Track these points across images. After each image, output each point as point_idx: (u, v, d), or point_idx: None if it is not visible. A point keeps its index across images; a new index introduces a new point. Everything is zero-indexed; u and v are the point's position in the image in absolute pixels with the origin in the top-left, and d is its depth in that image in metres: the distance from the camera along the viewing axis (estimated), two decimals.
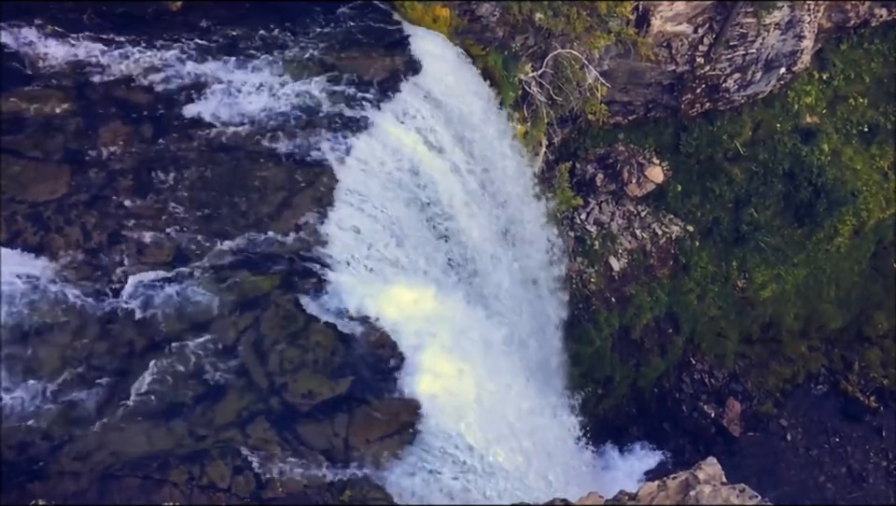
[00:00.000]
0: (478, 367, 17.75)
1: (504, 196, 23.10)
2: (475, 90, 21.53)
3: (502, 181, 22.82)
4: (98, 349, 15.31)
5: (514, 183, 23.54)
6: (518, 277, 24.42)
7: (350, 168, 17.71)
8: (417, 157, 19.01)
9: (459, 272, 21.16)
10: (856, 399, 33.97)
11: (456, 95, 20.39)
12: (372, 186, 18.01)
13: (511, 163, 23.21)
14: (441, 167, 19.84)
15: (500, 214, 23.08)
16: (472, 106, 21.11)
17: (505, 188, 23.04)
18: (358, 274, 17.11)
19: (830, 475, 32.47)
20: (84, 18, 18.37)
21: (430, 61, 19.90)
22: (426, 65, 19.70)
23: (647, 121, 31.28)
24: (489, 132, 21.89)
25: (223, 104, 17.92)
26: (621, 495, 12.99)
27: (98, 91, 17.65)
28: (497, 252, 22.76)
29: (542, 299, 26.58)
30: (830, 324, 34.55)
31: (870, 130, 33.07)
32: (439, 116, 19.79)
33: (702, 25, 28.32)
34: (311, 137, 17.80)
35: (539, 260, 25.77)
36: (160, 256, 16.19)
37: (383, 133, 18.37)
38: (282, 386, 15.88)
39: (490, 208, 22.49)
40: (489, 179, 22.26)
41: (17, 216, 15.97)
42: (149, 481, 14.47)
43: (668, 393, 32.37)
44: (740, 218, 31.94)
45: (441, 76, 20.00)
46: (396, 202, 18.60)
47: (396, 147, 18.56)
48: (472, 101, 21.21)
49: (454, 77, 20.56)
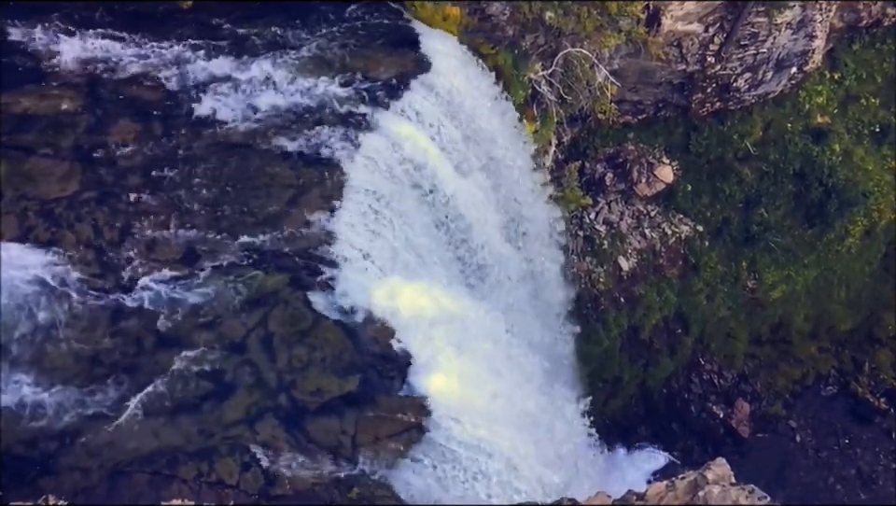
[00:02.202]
0: (486, 365, 17.75)
1: (513, 194, 23.07)
2: (485, 88, 21.51)
3: (511, 179, 22.78)
4: (107, 346, 15.38)
5: (523, 182, 23.50)
6: (526, 275, 24.39)
7: (359, 166, 17.73)
8: (426, 155, 19.01)
9: (467, 270, 21.16)
10: (866, 400, 33.79)
11: (466, 94, 20.37)
12: (381, 184, 18.02)
13: (520, 162, 23.17)
14: (450, 165, 19.84)
15: (509, 212, 23.05)
16: (482, 105, 21.08)
17: (514, 186, 23.01)
18: (367, 272, 17.12)
19: (839, 477, 32.31)
20: (95, 16, 18.47)
21: (440, 59, 19.89)
22: (435, 64, 19.70)
23: (657, 121, 31.19)
24: (498, 130, 21.86)
25: (232, 101, 17.97)
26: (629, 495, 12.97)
27: (109, 89, 17.73)
28: (506, 250, 22.74)
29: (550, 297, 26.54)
30: (840, 325, 34.38)
31: (881, 130, 32.87)
32: (448, 114, 19.78)
33: (713, 24, 28.20)
34: (320, 135, 17.82)
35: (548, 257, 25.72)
36: (169, 253, 16.25)
37: (392, 130, 18.38)
38: (290, 383, 15.91)
39: (499, 206, 22.46)
40: (498, 177, 22.24)
41: (28, 212, 16.07)
42: (158, 477, 14.54)
43: (677, 393, 32.27)
44: (750, 219, 31.81)
45: (450, 74, 19.99)
46: (405, 200, 18.61)
47: (405, 145, 18.56)
48: (482, 100, 21.18)
49: (463, 76, 20.55)
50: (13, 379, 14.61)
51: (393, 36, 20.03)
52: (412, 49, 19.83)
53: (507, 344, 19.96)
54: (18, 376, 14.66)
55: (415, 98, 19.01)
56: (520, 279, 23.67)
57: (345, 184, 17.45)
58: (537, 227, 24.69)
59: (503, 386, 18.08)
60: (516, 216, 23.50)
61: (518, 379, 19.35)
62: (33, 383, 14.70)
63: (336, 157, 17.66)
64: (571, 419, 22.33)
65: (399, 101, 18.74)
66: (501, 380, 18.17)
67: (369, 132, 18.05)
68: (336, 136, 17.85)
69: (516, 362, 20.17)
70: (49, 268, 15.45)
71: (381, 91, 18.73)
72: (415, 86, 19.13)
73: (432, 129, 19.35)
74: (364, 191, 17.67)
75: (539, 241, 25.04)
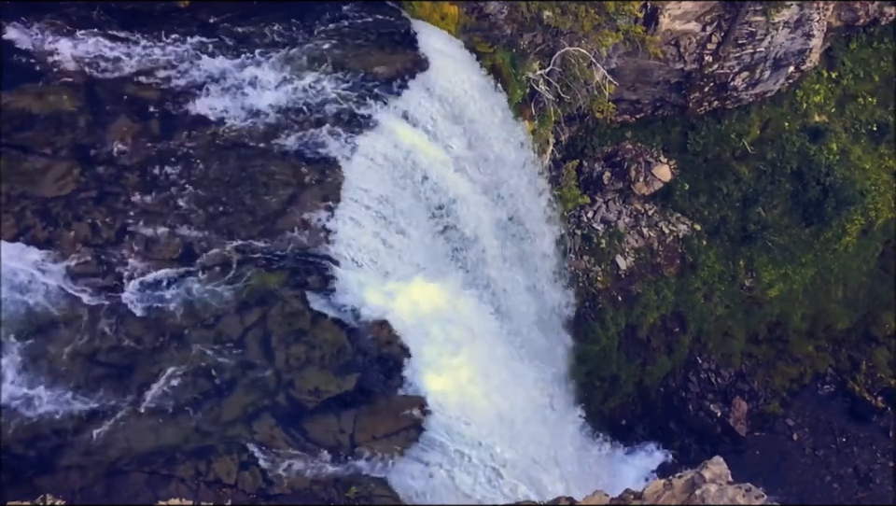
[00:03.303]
0: (484, 364, 17.75)
1: (511, 192, 23.07)
2: (482, 87, 21.51)
3: (508, 178, 22.79)
4: (105, 345, 15.36)
5: (521, 180, 23.51)
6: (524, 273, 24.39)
7: (357, 165, 17.72)
8: (424, 153, 19.01)
9: (465, 268, 21.16)
10: (863, 399, 33.87)
11: (463, 93, 20.37)
12: (379, 182, 18.02)
13: (518, 160, 23.18)
14: (448, 163, 19.84)
15: (507, 210, 23.05)
16: (479, 104, 21.09)
17: (511, 184, 23.02)
18: (365, 271, 17.12)
19: (836, 475, 32.38)
20: (93, 15, 18.42)
21: (438, 58, 19.89)
22: (433, 63, 19.69)
23: (654, 120, 31.22)
24: (496, 129, 21.87)
25: (230, 100, 17.95)
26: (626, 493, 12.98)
27: (106, 88, 17.70)
28: (504, 248, 22.74)
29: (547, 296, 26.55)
30: (837, 324, 34.44)
31: (879, 129, 32.94)
32: (445, 113, 19.78)
33: (710, 23, 28.23)
34: (318, 134, 17.81)
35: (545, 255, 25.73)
36: (167, 252, 16.23)
37: (390, 129, 18.38)
38: (288, 382, 15.91)
39: (497, 204, 22.47)
40: (495, 176, 22.24)
41: (26, 211, 16.04)
42: (156, 476, 14.53)
43: (674, 392, 32.33)
44: (748, 217, 31.85)
45: (448, 73, 19.99)
46: (402, 198, 18.61)
47: (403, 143, 18.56)
48: (479, 98, 21.18)
49: (461, 75, 20.54)
50: (10, 378, 14.59)
51: (391, 35, 20.02)
52: (410, 48, 19.83)
53: (505, 343, 19.97)
54: (15, 376, 14.64)
55: (414, 97, 19.01)
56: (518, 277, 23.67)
57: (343, 183, 17.44)
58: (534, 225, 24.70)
59: (501, 384, 18.08)
60: (515, 214, 23.51)
61: (516, 378, 19.35)
62: (30, 382, 14.68)
63: (334, 156, 17.65)
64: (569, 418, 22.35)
65: (397, 100, 18.73)
66: (499, 379, 18.17)
67: (367, 131, 18.04)
68: (334, 135, 17.84)
69: (514, 361, 20.19)
70: (47, 267, 15.43)
71: (379, 90, 18.72)
72: (414, 85, 19.12)
73: (430, 127, 19.35)
74: (362, 190, 17.66)
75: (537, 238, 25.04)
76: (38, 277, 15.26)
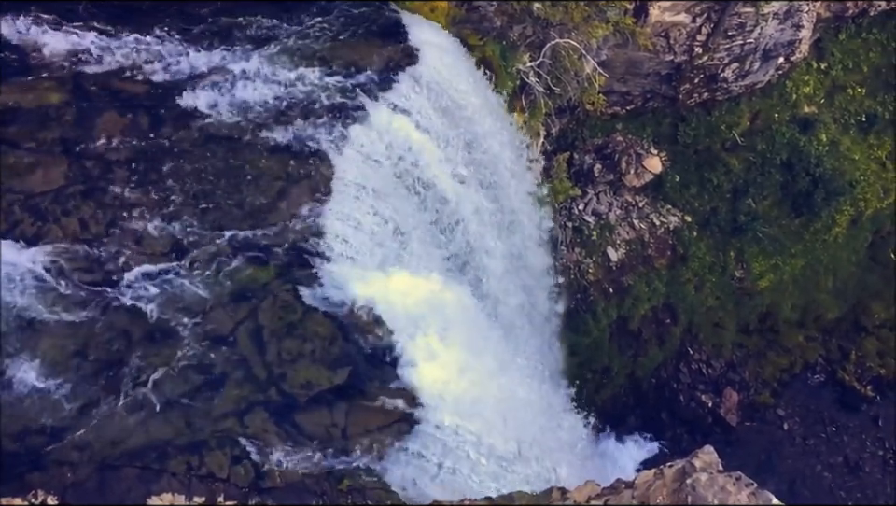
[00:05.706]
0: (475, 357, 17.78)
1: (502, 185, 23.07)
2: (472, 79, 21.48)
3: (498, 170, 22.79)
4: (96, 340, 15.31)
5: (512, 172, 23.51)
6: (515, 265, 24.42)
7: (347, 158, 17.69)
8: (413, 146, 18.98)
9: (456, 260, 21.17)
10: (853, 388, 34.05)
11: (453, 85, 20.34)
12: (369, 175, 17.99)
13: (508, 153, 23.17)
14: (437, 156, 19.82)
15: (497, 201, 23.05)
16: (470, 96, 21.06)
17: (502, 176, 23.02)
18: (356, 264, 17.11)
19: (826, 464, 32.59)
20: (80, 8, 18.30)
21: (428, 50, 19.85)
22: (423, 55, 19.65)
23: (645, 111, 31.23)
24: (486, 121, 21.85)
25: (219, 94, 17.88)
26: (618, 483, 13.03)
27: (94, 82, 17.61)
28: (494, 240, 22.76)
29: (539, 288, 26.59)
30: (827, 314, 34.61)
31: (868, 120, 33.03)
32: (435, 105, 19.75)
33: (700, 15, 28.23)
34: (307, 127, 17.77)
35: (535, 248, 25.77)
36: (157, 247, 16.18)
37: (379, 122, 18.34)
38: (280, 376, 15.90)
39: (488, 197, 22.47)
40: (486, 168, 22.23)
41: (14, 206, 15.96)
42: (148, 471, 14.51)
43: (666, 383, 32.44)
44: (738, 209, 31.93)
45: (438, 65, 19.94)
46: (392, 191, 18.59)
47: (392, 136, 18.53)
48: (470, 91, 21.15)
49: (451, 67, 20.51)
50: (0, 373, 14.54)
51: (381, 28, 19.96)
52: (399, 41, 19.77)
53: (496, 335, 20.01)
54: (4, 371, 14.58)
55: (404, 89, 18.96)
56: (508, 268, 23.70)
57: (334, 176, 17.41)
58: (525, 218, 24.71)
59: (493, 375, 18.12)
60: (505, 206, 23.52)
61: (507, 369, 19.39)
62: (20, 378, 14.63)
63: (324, 149, 17.61)
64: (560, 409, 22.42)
65: (387, 92, 18.69)
66: (491, 370, 18.21)
67: (357, 123, 18.00)
68: (324, 128, 17.80)
69: (505, 353, 20.22)
70: (36, 262, 15.36)
71: (369, 83, 18.67)
72: (404, 77, 19.08)
73: (421, 120, 19.31)
74: (352, 183, 17.63)
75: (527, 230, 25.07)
76: (27, 273, 15.19)
